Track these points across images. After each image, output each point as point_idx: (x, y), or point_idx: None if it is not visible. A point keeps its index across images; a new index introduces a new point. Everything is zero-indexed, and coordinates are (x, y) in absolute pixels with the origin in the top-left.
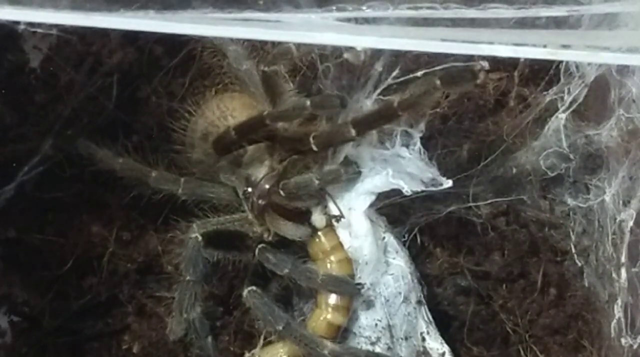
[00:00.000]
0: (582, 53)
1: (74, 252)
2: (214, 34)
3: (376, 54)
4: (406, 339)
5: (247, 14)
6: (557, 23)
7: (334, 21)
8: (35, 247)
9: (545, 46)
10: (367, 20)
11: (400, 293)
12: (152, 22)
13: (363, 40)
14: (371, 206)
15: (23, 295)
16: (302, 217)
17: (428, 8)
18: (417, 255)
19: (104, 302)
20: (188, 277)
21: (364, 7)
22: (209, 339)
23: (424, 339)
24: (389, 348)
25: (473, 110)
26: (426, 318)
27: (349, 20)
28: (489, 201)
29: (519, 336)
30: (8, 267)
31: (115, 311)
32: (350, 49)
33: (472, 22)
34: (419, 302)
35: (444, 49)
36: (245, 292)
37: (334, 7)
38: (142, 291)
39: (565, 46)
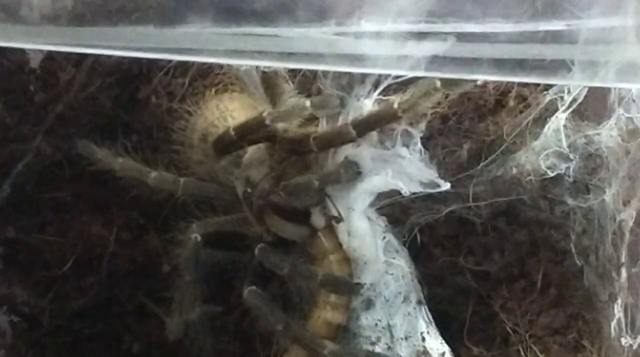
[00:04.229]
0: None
1: (74, 252)
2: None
3: None
4: (406, 339)
5: (245, 29)
6: (555, 37)
7: (332, 36)
8: (35, 247)
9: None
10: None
11: (400, 293)
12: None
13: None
14: (371, 205)
15: (23, 295)
16: (301, 217)
17: (426, 22)
18: (417, 255)
19: (104, 302)
20: (187, 278)
21: (362, 22)
22: (209, 339)
23: (424, 339)
24: (389, 348)
25: (473, 110)
26: (426, 318)
27: (347, 34)
28: (489, 201)
29: (519, 336)
30: (8, 267)
31: (115, 311)
32: None
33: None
34: (419, 302)
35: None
36: (245, 292)
37: (333, 22)
38: (142, 291)
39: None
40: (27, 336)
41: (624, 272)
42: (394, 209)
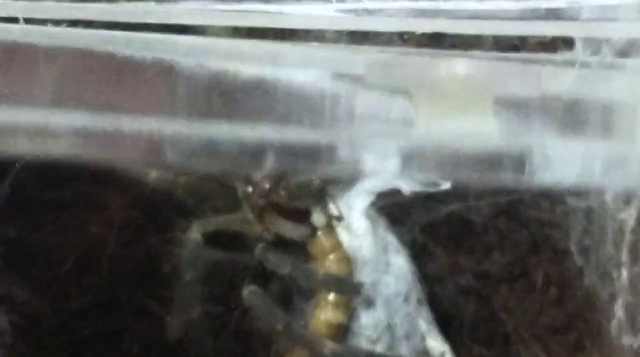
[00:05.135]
0: None
1: (74, 252)
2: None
3: None
4: (407, 338)
5: (247, 6)
6: (557, 15)
7: (334, 12)
8: (35, 247)
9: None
10: (367, 12)
11: (400, 292)
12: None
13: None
14: (371, 205)
15: (23, 295)
16: (302, 216)
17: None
18: (417, 255)
19: (104, 302)
20: (187, 278)
21: None
22: (209, 339)
23: (424, 339)
24: (389, 347)
25: None
26: (426, 317)
27: (349, 11)
28: (489, 200)
29: (519, 336)
30: (8, 267)
31: (115, 311)
32: None
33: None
34: (419, 301)
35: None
36: (245, 292)
37: None
38: (142, 291)
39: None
40: (27, 336)
41: (624, 272)
42: (394, 209)
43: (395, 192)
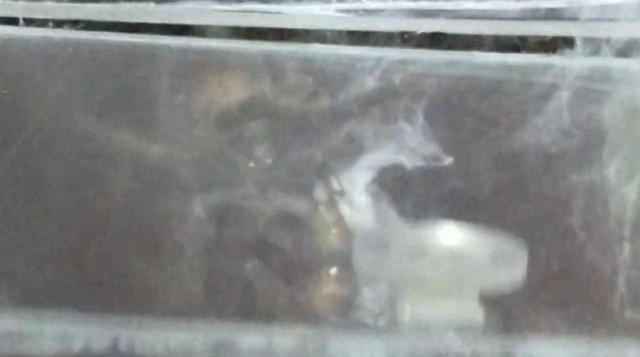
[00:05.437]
0: None
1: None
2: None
3: None
4: None
5: (247, 6)
6: (557, 15)
7: (334, 12)
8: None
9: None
10: (367, 12)
11: None
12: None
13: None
14: (373, 181)
15: None
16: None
17: None
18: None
19: None
20: None
21: None
22: None
23: None
24: (392, 322)
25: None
26: None
27: (348, 11)
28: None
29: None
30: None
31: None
32: None
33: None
34: None
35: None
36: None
37: None
38: None
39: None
40: None
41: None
42: (395, 184)
43: (397, 168)
